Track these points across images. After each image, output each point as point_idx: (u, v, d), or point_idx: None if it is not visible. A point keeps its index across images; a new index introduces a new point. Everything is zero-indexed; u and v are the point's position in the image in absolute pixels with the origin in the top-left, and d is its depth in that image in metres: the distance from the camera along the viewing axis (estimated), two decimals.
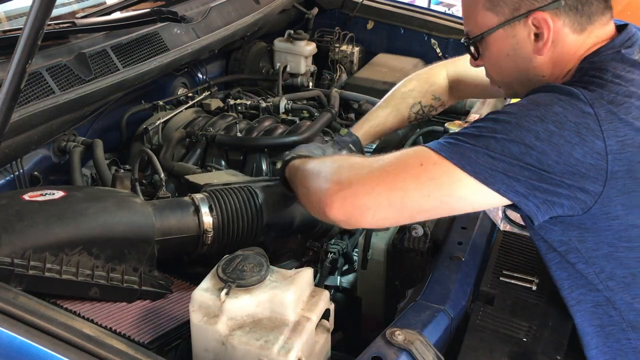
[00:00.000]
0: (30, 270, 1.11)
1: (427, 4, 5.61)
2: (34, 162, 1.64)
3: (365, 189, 1.11)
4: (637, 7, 3.91)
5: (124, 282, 1.21)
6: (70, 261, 1.16)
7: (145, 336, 1.15)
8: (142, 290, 1.24)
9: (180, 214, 1.33)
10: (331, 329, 1.14)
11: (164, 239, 1.28)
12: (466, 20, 1.29)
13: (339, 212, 1.12)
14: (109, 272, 1.20)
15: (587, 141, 1.03)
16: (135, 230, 1.25)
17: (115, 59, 1.76)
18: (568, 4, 1.14)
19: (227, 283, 1.04)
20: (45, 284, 1.13)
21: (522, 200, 1.07)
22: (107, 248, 1.20)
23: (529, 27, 1.17)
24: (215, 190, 1.40)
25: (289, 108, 2.09)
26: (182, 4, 2.19)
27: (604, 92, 1.07)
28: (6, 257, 1.09)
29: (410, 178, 1.10)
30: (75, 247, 1.16)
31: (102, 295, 1.20)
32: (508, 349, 1.16)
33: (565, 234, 1.14)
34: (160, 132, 1.92)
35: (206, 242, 1.34)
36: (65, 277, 1.15)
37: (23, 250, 1.11)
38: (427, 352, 1.03)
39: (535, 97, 1.11)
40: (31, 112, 1.47)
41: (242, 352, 1.00)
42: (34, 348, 0.95)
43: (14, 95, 1.06)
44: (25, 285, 1.11)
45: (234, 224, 1.37)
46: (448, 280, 1.27)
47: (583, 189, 1.05)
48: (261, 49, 2.54)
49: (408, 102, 1.75)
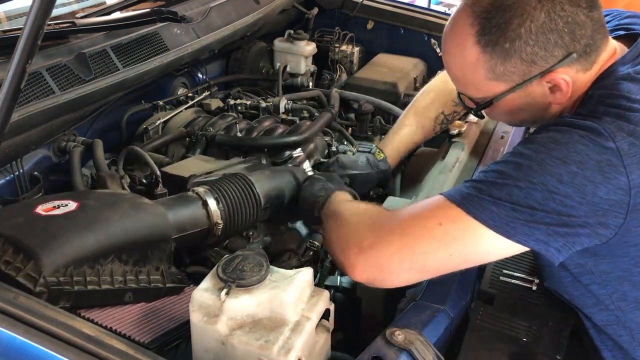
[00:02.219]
0: (75, 286, 1.11)
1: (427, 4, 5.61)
2: (34, 162, 1.64)
3: (386, 254, 1.09)
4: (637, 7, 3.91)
5: (150, 283, 1.23)
6: (104, 271, 1.17)
7: (145, 336, 1.14)
8: (167, 287, 1.26)
9: (191, 210, 1.35)
10: (331, 329, 1.14)
11: (179, 236, 1.31)
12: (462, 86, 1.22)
13: (363, 275, 1.13)
14: (137, 275, 1.21)
15: (610, 179, 1.00)
16: (155, 231, 1.27)
17: (115, 59, 1.76)
18: (578, 53, 1.10)
19: (227, 283, 1.04)
20: (88, 297, 1.14)
21: (542, 247, 1.05)
22: (134, 252, 1.21)
23: (543, 85, 1.13)
24: (215, 182, 1.43)
25: (289, 108, 2.09)
26: (182, 4, 2.19)
27: (624, 123, 1.03)
28: (52, 277, 1.08)
29: (431, 240, 1.08)
30: (108, 256, 1.17)
31: (135, 298, 1.21)
32: (508, 349, 1.16)
33: (581, 259, 1.12)
34: (160, 132, 1.92)
35: (217, 234, 1.38)
36: (104, 287, 1.15)
37: (65, 267, 1.11)
38: (427, 352, 1.03)
39: (555, 135, 1.06)
40: (31, 112, 1.47)
41: (242, 352, 1.00)
42: (34, 348, 0.95)
43: (14, 95, 1.06)
44: (72, 301, 1.11)
45: (239, 212, 1.41)
46: (448, 280, 1.27)
47: (604, 224, 1.03)
48: (261, 49, 2.54)
49: (431, 115, 1.75)
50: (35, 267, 1.08)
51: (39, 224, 1.17)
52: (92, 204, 1.27)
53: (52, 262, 1.10)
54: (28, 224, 1.18)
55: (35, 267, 1.08)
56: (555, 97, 1.14)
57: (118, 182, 1.51)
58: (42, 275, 1.07)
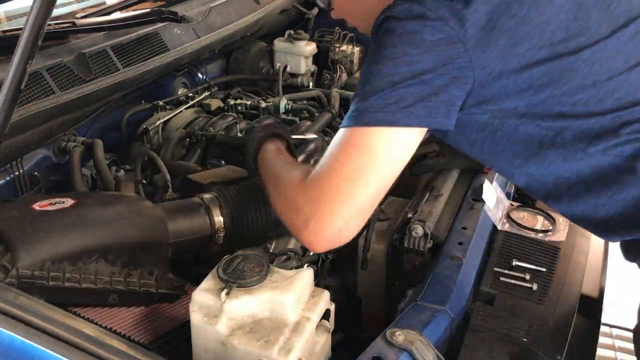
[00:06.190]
0: (50, 282, 1.11)
1: None
2: (34, 162, 1.64)
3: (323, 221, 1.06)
4: None
5: (140, 287, 1.21)
6: (88, 269, 1.16)
7: (145, 336, 1.15)
8: (160, 293, 1.24)
9: (191, 215, 1.34)
10: (331, 329, 1.14)
11: (177, 241, 1.29)
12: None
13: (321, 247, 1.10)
14: (126, 277, 1.20)
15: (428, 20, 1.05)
16: (149, 234, 1.25)
17: (115, 59, 1.76)
18: None
19: (227, 283, 1.04)
20: (65, 294, 1.14)
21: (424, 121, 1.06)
22: (123, 254, 1.20)
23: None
24: (223, 189, 1.41)
25: (289, 108, 2.09)
26: (182, 4, 2.19)
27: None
28: (26, 269, 1.09)
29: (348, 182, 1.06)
30: (92, 255, 1.16)
31: (121, 300, 1.20)
32: (508, 349, 1.16)
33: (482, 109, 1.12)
34: (160, 132, 1.92)
35: (218, 242, 1.36)
36: (85, 286, 1.15)
37: (42, 262, 1.11)
38: (427, 352, 1.03)
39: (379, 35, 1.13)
40: (31, 112, 1.47)
41: (242, 353, 1.00)
42: (34, 348, 0.95)
43: (14, 95, 1.06)
44: (47, 296, 1.11)
45: (244, 222, 1.38)
46: (448, 280, 1.27)
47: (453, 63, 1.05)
48: (261, 49, 2.54)
49: None
50: (11, 259, 1.09)
51: (28, 218, 1.18)
52: (87, 203, 1.27)
53: (29, 255, 1.10)
54: (19, 218, 1.18)
55: (11, 259, 1.09)
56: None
57: (131, 186, 1.51)
58: (16, 267, 1.08)
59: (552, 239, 1.49)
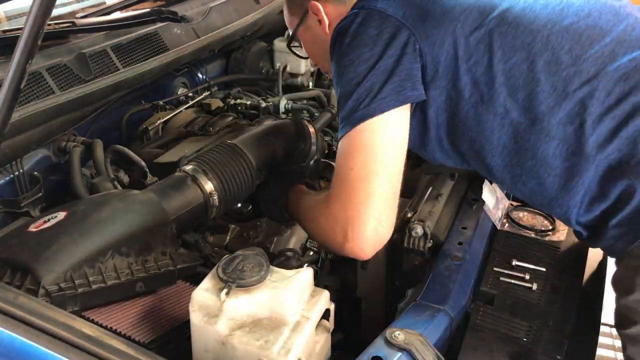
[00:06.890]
0: (79, 289, 1.12)
1: None
2: (34, 162, 1.64)
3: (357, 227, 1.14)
4: None
5: (160, 268, 1.24)
6: (107, 267, 1.17)
7: (145, 336, 1.15)
8: (179, 269, 1.27)
9: (182, 189, 1.36)
10: (331, 329, 1.14)
11: (177, 217, 1.31)
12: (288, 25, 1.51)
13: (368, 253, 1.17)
14: (144, 264, 1.22)
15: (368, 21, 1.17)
16: (150, 218, 1.27)
17: (115, 59, 1.76)
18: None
19: (227, 283, 1.04)
20: (95, 296, 1.15)
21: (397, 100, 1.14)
22: (133, 244, 1.22)
23: (313, 16, 1.37)
24: (199, 157, 1.44)
25: (289, 108, 2.09)
26: (182, 4, 2.19)
27: None
28: (52, 285, 1.09)
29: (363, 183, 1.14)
30: (106, 253, 1.18)
31: (147, 286, 1.22)
32: (508, 349, 1.17)
33: None
34: (160, 132, 1.92)
35: (214, 205, 1.38)
36: (110, 283, 1.16)
37: (63, 273, 1.12)
38: (427, 352, 1.03)
39: None
40: (31, 112, 1.47)
41: (242, 352, 1.00)
42: (34, 348, 0.95)
43: (14, 95, 1.06)
44: (80, 303, 1.12)
45: (231, 179, 1.41)
46: (448, 280, 1.28)
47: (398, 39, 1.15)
48: (261, 49, 2.54)
49: None
50: (33, 280, 1.09)
51: (31, 240, 1.19)
52: (80, 209, 1.28)
53: (49, 271, 1.10)
54: (21, 243, 1.19)
55: (33, 280, 1.09)
56: (324, 29, 1.36)
57: (110, 184, 1.52)
58: (42, 285, 1.08)
59: (552, 239, 1.50)
